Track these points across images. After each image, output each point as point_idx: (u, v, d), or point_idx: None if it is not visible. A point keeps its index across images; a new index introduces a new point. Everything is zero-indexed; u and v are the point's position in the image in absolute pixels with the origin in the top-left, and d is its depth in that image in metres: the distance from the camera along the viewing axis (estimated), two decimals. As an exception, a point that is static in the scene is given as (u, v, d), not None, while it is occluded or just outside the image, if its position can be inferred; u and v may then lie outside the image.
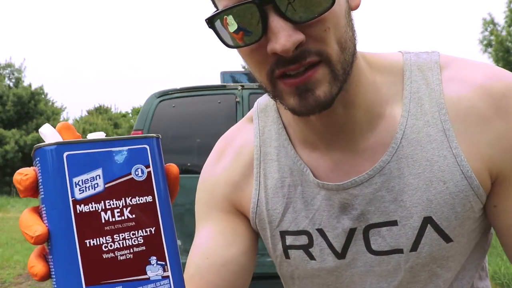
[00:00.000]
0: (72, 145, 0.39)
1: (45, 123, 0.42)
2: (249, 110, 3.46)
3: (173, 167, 0.43)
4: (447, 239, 0.61)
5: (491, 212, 0.62)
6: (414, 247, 0.61)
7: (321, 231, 0.65)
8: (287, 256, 0.69)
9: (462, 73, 0.60)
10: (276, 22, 0.48)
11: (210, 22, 0.52)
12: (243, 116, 3.43)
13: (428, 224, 0.60)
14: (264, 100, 0.72)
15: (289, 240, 0.68)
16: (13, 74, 20.42)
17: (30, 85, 19.97)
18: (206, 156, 0.82)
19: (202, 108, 3.58)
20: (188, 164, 3.54)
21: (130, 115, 31.68)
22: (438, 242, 0.61)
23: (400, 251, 0.62)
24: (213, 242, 0.70)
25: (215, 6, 0.56)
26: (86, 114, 28.42)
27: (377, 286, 0.65)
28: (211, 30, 0.53)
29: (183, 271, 0.47)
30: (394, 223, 0.61)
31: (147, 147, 0.41)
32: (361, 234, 0.63)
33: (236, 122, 3.37)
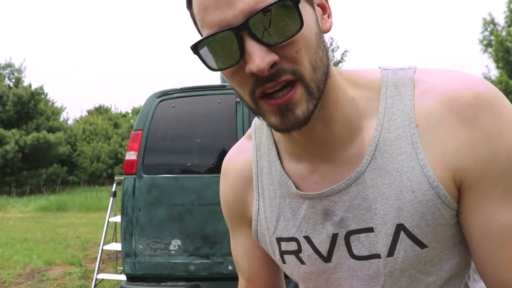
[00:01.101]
0: None
1: (45, 123, 0.41)
2: (249, 110, 3.47)
3: None
4: (421, 245, 0.64)
5: (459, 218, 0.65)
6: (391, 252, 0.65)
7: (307, 238, 0.71)
8: (283, 261, 0.76)
9: (434, 87, 0.63)
10: (251, 46, 0.54)
11: (195, 48, 0.58)
12: (243, 116, 3.42)
13: (401, 231, 0.64)
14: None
15: (283, 246, 0.75)
16: (13, 74, 20.39)
17: (30, 85, 19.94)
18: (206, 156, 0.88)
19: (202, 108, 3.58)
20: (188, 164, 3.54)
21: (130, 115, 31.65)
22: (412, 248, 0.64)
23: (378, 256, 0.66)
24: (246, 262, 0.87)
25: (199, 33, 0.62)
26: (86, 114, 28.41)
27: None
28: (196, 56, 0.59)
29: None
30: (370, 229, 0.65)
31: None
32: (343, 240, 0.68)
33: (236, 122, 3.36)
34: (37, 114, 19.80)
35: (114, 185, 5.30)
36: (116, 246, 4.86)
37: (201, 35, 0.61)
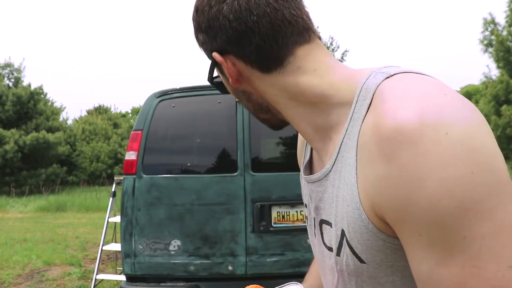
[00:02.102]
0: None
1: (44, 123, 0.39)
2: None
3: None
4: (359, 259, 0.61)
5: None
6: (338, 252, 0.66)
7: (308, 209, 0.80)
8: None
9: (379, 107, 0.57)
10: None
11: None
12: (243, 116, 3.42)
13: (344, 237, 0.63)
14: None
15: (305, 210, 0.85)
16: (12, 74, 20.37)
17: (29, 85, 19.91)
18: (206, 156, 0.96)
19: (202, 108, 3.57)
20: (188, 164, 3.53)
21: (130, 115, 31.64)
22: (353, 257, 0.63)
23: (332, 250, 0.69)
24: None
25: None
26: (86, 114, 28.40)
27: (330, 278, 0.73)
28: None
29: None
30: (330, 224, 0.68)
31: None
32: (318, 225, 0.74)
33: (236, 122, 3.37)
34: (37, 114, 19.79)
35: (114, 185, 5.29)
36: (116, 247, 4.85)
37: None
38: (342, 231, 0.63)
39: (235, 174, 3.41)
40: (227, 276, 3.35)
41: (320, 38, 0.71)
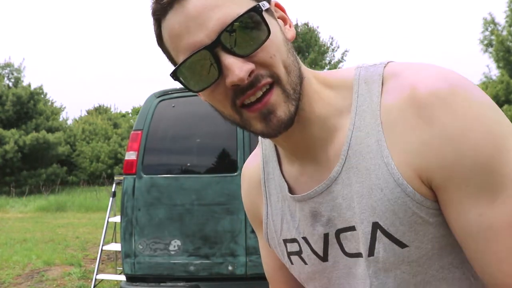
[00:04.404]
0: None
1: (44, 123, 0.40)
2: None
3: None
4: (400, 244, 0.62)
5: (445, 219, 0.62)
6: (371, 252, 0.64)
7: (305, 239, 0.73)
8: (291, 262, 0.78)
9: (400, 83, 0.62)
10: (228, 59, 0.57)
11: (175, 75, 0.61)
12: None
13: (378, 230, 0.63)
14: None
15: (289, 247, 0.77)
16: (12, 74, 20.36)
17: (29, 85, 19.89)
18: (206, 156, 0.90)
19: (202, 108, 3.56)
20: (188, 164, 3.53)
21: (130, 115, 31.64)
22: (391, 247, 0.63)
23: (361, 255, 0.66)
24: (265, 263, 0.90)
25: (174, 63, 0.64)
26: (86, 114, 28.40)
27: None
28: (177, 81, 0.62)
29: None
30: (353, 228, 0.66)
31: None
32: (334, 238, 0.69)
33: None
34: (37, 114, 19.78)
35: (114, 185, 5.29)
36: (116, 247, 4.85)
37: (175, 64, 0.64)
38: (374, 224, 0.63)
39: (235, 174, 3.40)
40: (227, 276, 3.35)
41: None
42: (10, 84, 20.11)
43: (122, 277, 3.69)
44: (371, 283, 0.66)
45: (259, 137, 0.81)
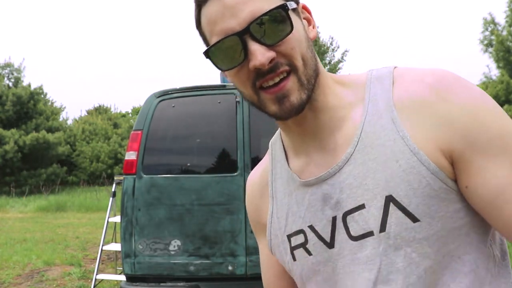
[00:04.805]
0: None
1: (44, 123, 0.40)
2: (249, 110, 3.48)
3: None
4: (412, 218, 0.65)
5: (467, 194, 0.66)
6: (382, 227, 0.67)
7: (311, 227, 0.76)
8: (294, 258, 0.80)
9: (410, 77, 0.71)
10: (253, 46, 0.66)
11: (207, 54, 0.71)
12: (242, 116, 3.43)
13: (391, 203, 0.66)
14: (276, 134, 0.91)
15: (292, 241, 0.80)
16: (12, 74, 20.35)
17: (29, 85, 19.88)
18: (206, 156, 0.92)
19: (202, 108, 3.57)
20: (188, 164, 3.53)
21: (130, 115, 31.64)
22: (404, 221, 0.66)
23: (371, 233, 0.69)
24: (263, 273, 0.94)
25: (208, 45, 0.73)
26: (86, 114, 28.39)
27: (362, 276, 0.70)
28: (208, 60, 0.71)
29: None
30: (362, 206, 0.69)
31: None
32: (341, 222, 0.72)
33: (236, 122, 3.37)
34: (37, 114, 19.77)
35: (114, 185, 5.29)
36: (116, 247, 4.85)
37: (208, 44, 0.73)
38: (387, 198, 0.67)
39: (235, 174, 3.41)
40: (227, 276, 3.35)
41: None
42: (10, 84, 20.10)
43: (122, 277, 3.70)
44: (381, 262, 0.68)
45: (270, 145, 0.89)
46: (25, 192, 16.53)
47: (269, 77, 0.68)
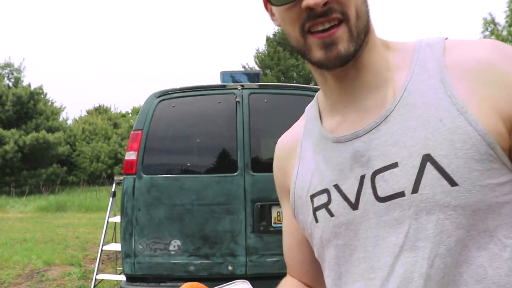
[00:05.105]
0: None
1: (44, 123, 0.40)
2: (249, 110, 3.48)
3: None
4: (450, 180, 0.61)
5: None
6: (415, 188, 0.62)
7: (336, 186, 0.72)
8: (316, 220, 0.76)
9: (463, 44, 0.70)
10: None
11: None
12: (242, 116, 3.42)
13: (428, 162, 0.62)
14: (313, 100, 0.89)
15: (315, 202, 0.76)
16: (12, 74, 20.37)
17: (29, 85, 19.90)
18: (206, 156, 0.89)
19: (202, 108, 3.57)
20: (188, 164, 3.53)
21: (130, 115, 31.65)
22: (440, 183, 0.61)
23: (402, 194, 0.64)
24: (285, 240, 0.93)
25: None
26: (86, 114, 28.40)
27: (388, 240, 0.65)
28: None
29: None
30: (395, 165, 0.65)
31: None
32: (369, 182, 0.68)
33: (236, 122, 3.37)
34: (37, 114, 19.78)
35: (114, 185, 5.29)
36: (116, 247, 4.85)
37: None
38: (425, 156, 0.62)
39: (235, 174, 3.41)
40: (227, 276, 3.35)
41: None
42: (10, 84, 20.12)
43: (122, 277, 3.70)
44: (410, 226, 0.63)
45: (306, 110, 0.87)
46: (25, 192, 16.53)
47: (320, 21, 0.65)
